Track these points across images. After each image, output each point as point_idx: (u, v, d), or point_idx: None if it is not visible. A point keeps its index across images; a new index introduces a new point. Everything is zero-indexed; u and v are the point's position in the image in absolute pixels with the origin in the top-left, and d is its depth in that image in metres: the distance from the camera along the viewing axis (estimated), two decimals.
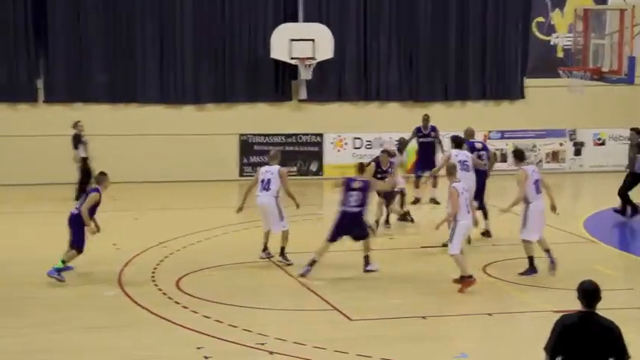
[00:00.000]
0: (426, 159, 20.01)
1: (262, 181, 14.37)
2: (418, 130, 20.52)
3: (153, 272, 14.06)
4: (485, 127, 24.21)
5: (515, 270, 13.83)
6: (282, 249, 14.40)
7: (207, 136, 23.51)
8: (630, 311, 11.72)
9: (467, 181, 14.45)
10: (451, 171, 13.36)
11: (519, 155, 14.29)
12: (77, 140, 20.10)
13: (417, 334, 11.28)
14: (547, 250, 13.62)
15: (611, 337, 6.96)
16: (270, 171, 14.43)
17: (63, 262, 13.09)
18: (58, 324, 11.48)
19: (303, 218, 16.89)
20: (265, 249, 14.50)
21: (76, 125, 20.26)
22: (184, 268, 14.21)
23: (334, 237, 13.71)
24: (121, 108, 23.34)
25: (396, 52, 24.38)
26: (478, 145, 17.16)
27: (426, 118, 20.60)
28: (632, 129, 18.79)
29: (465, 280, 12.78)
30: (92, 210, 13.05)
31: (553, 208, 13.79)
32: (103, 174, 13.59)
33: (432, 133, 20.43)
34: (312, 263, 13.60)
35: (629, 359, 7.00)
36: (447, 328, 11.69)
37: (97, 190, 13.27)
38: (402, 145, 18.84)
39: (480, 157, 16.59)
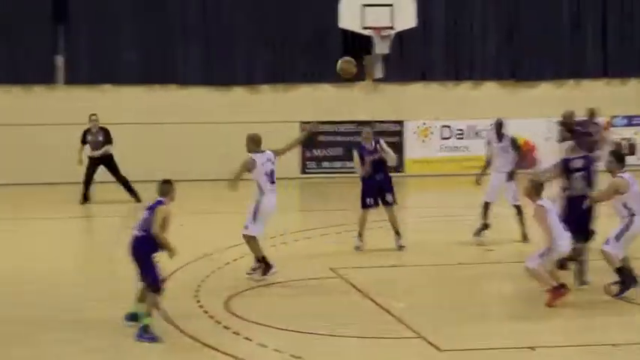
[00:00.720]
0: None
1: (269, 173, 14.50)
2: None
3: (197, 290, 14.11)
4: (607, 111, 23.91)
5: None
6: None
7: (261, 125, 23.49)
8: None
9: None
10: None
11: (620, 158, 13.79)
12: (85, 136, 20.43)
13: None
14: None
15: None
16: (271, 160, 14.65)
17: (146, 315, 11.90)
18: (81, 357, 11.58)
19: (378, 225, 16.88)
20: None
21: (90, 118, 20.42)
22: (235, 285, 14.24)
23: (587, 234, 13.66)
24: (156, 90, 23.55)
25: (493, 20, 24.22)
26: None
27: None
28: None
29: (553, 292, 12.86)
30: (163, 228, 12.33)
31: None
32: (167, 182, 12.79)
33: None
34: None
35: None
36: None
37: (161, 202, 12.16)
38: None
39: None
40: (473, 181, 16.99)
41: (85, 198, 20.42)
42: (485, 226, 16.74)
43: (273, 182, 14.24)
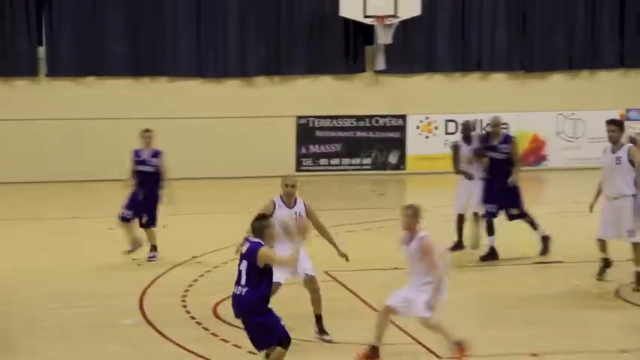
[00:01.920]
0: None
1: None
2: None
3: (184, 295, 14.19)
4: (622, 103, 24.03)
5: None
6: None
7: (256, 119, 23.63)
8: None
9: None
10: None
11: None
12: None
13: None
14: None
15: None
16: None
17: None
18: None
19: (378, 225, 16.93)
20: None
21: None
22: (223, 290, 14.26)
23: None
24: (145, 83, 23.63)
25: (504, 8, 24.25)
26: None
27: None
28: None
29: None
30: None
31: None
32: (263, 218, 10.78)
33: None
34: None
35: None
36: None
37: (259, 244, 10.49)
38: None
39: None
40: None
41: None
42: (459, 245, 16.19)
43: None
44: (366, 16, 22.89)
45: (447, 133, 24.00)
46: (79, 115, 22.68)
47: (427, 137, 23.89)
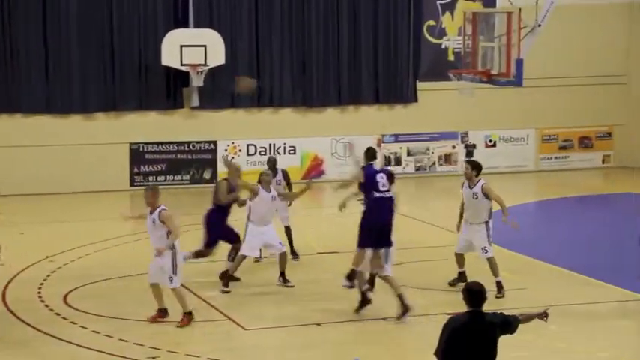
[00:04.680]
0: None
1: None
2: None
3: (39, 287, 13.76)
4: (378, 131, 24.52)
5: (414, 275, 14.05)
6: None
7: (97, 146, 23.11)
8: (523, 310, 12.01)
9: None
10: None
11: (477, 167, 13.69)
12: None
13: (312, 342, 11.33)
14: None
15: (497, 325, 7.27)
16: None
17: None
18: None
19: (195, 228, 16.78)
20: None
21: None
22: (72, 282, 13.95)
23: None
24: (4, 119, 22.73)
25: (288, 57, 24.42)
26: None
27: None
28: None
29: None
30: None
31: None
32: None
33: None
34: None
35: (517, 321, 7.45)
36: (341, 334, 11.76)
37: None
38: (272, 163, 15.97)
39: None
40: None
41: None
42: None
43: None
44: (183, 64, 22.70)
45: (248, 155, 24.04)
46: None
47: (233, 157, 23.83)
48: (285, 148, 24.19)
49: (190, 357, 10.63)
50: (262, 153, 23.95)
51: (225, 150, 23.82)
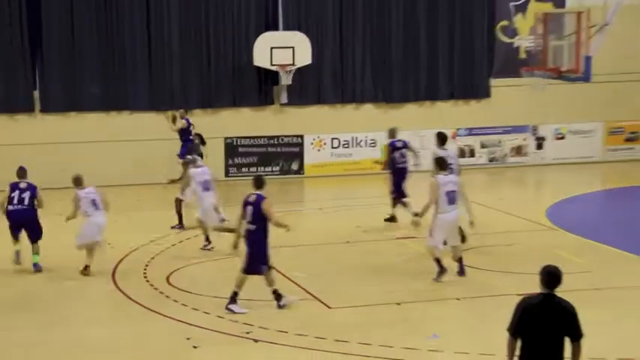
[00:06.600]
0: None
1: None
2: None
3: (145, 268, 14.04)
4: (453, 124, 24.34)
5: (486, 259, 13.91)
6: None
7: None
8: (588, 292, 11.82)
9: None
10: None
11: (440, 164, 12.98)
12: None
13: (391, 320, 11.33)
14: (458, 260, 13.07)
15: (568, 318, 7.06)
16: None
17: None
18: (58, 321, 11.45)
19: (286, 214, 16.89)
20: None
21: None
22: (175, 264, 14.19)
23: None
24: (112, 116, 23.23)
25: (369, 57, 24.40)
26: (398, 144, 17.49)
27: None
28: None
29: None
30: None
31: (470, 223, 12.82)
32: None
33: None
34: None
35: (582, 337, 7.10)
36: (419, 313, 11.74)
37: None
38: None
39: (402, 155, 17.18)
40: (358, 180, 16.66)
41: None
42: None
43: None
44: (273, 65, 22.86)
45: (332, 148, 24.09)
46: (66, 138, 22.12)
47: (319, 150, 23.96)
48: (366, 141, 24.18)
49: (279, 332, 10.74)
50: (345, 146, 24.00)
51: (312, 143, 23.94)
